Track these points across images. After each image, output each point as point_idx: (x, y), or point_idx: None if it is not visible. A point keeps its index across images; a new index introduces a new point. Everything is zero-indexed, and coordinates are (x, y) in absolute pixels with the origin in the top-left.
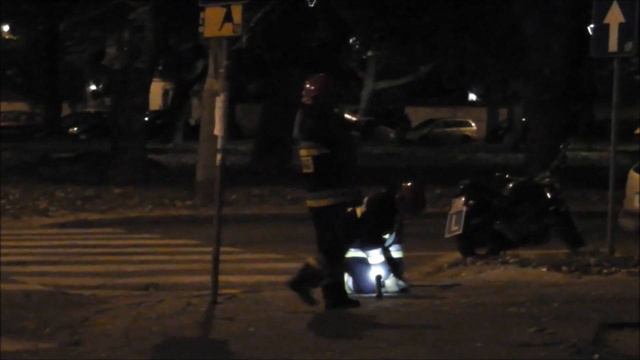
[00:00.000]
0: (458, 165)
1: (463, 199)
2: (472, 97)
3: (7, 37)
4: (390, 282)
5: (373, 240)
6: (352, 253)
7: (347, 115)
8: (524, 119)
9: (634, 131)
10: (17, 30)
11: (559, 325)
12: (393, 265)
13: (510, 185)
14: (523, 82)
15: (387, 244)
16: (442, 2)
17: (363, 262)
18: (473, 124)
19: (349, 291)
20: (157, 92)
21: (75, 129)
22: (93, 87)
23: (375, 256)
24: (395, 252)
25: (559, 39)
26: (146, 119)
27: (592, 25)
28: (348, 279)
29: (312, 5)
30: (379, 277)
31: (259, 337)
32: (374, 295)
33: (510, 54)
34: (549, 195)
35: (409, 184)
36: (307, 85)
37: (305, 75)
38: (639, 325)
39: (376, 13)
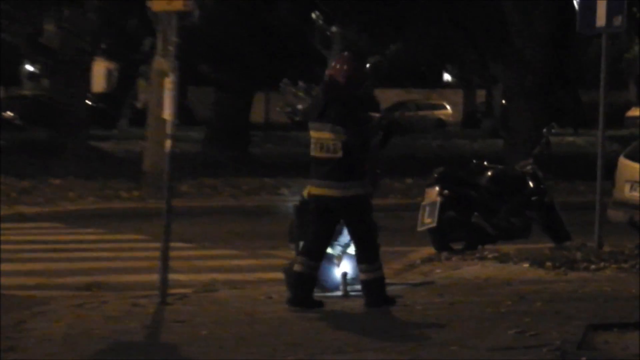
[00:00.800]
0: (432, 152)
1: (437, 188)
2: (447, 77)
3: None
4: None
5: None
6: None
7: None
8: (503, 101)
9: (624, 115)
10: None
11: (542, 327)
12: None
13: (489, 174)
14: (503, 65)
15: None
16: None
17: (328, 258)
18: (448, 107)
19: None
20: (100, 73)
21: (10, 113)
22: (30, 68)
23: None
24: None
25: (541, 19)
26: (88, 102)
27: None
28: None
29: None
30: (344, 275)
31: (212, 341)
32: (340, 294)
33: (489, 36)
34: (531, 185)
35: None
36: (338, 65)
37: (264, 56)
38: (632, 325)
39: None
